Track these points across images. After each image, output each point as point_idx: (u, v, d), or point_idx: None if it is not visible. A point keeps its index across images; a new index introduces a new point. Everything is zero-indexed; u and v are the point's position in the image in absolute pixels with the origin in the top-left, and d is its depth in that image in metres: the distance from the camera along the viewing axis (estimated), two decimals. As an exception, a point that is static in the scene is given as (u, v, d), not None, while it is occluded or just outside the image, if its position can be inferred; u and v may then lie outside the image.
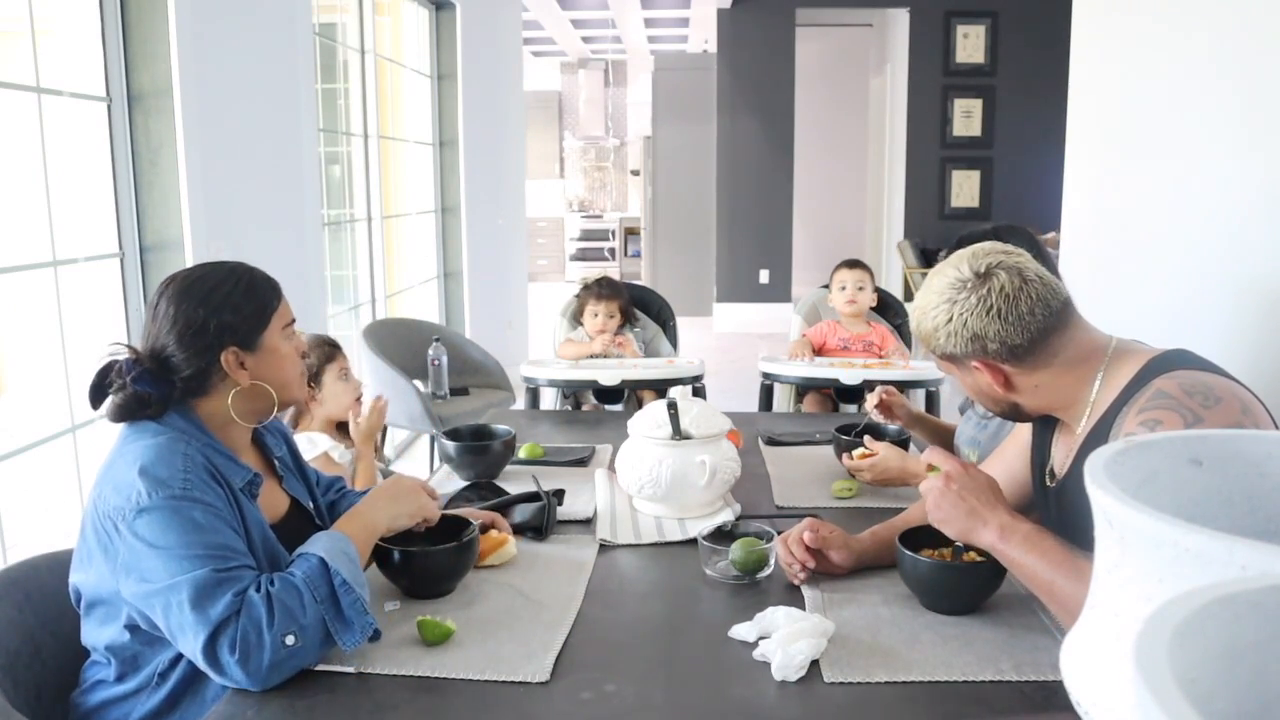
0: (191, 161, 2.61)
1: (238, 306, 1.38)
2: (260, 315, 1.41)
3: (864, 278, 3.42)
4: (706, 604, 1.48)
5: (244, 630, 1.18)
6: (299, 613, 1.21)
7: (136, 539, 1.24)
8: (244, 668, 1.18)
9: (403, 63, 5.11)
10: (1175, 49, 2.37)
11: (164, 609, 1.22)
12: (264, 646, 1.18)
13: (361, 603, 1.26)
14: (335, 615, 1.24)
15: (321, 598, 1.24)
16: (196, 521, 1.25)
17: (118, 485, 1.28)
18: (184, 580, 1.21)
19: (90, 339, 2.60)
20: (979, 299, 1.31)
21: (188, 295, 1.37)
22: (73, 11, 2.52)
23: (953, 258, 1.37)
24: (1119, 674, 0.62)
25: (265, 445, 1.54)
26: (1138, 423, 1.22)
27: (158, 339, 1.37)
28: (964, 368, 1.39)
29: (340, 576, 1.26)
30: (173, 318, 1.36)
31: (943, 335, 1.35)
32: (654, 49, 11.40)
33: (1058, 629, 1.33)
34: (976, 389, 1.42)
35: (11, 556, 2.27)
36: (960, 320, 1.32)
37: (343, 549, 1.31)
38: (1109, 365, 1.34)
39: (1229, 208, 2.13)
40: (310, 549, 1.30)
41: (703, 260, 8.85)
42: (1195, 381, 1.23)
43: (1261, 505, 0.74)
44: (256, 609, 1.20)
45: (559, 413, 3.24)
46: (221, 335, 1.37)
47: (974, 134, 7.95)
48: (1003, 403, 1.41)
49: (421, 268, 5.40)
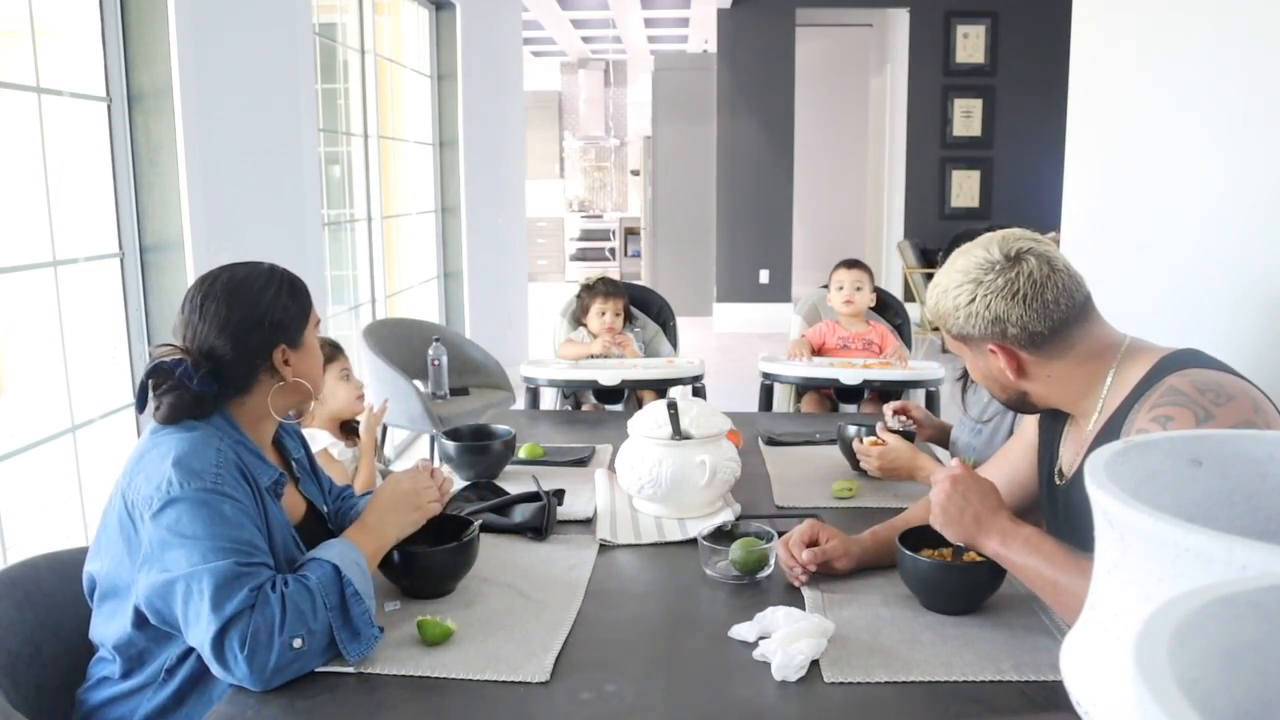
0: (191, 161, 2.61)
1: (286, 305, 1.43)
2: (304, 313, 1.46)
3: (862, 278, 3.42)
4: (706, 604, 1.48)
5: (255, 628, 1.20)
6: (309, 617, 1.23)
7: (163, 528, 1.25)
8: (250, 665, 1.19)
9: (403, 63, 5.11)
10: (1175, 49, 2.37)
11: (183, 596, 1.23)
12: (272, 647, 1.19)
13: (370, 615, 1.28)
14: (344, 624, 1.26)
15: (332, 605, 1.25)
16: (225, 515, 1.27)
17: (150, 475, 1.30)
18: (206, 570, 1.22)
19: (90, 339, 2.60)
20: (1006, 282, 1.31)
21: (239, 294, 1.40)
22: (73, 11, 2.52)
23: (982, 239, 1.37)
24: (1119, 674, 0.62)
25: (284, 447, 1.56)
26: (1149, 419, 1.22)
27: (208, 338, 1.38)
28: (978, 350, 1.38)
29: (352, 586, 1.28)
30: (224, 318, 1.38)
31: (963, 315, 1.34)
32: (654, 49, 11.40)
33: (1058, 629, 1.33)
34: (986, 373, 1.41)
35: (11, 556, 2.27)
36: (984, 301, 1.32)
37: (355, 559, 1.33)
38: (1121, 363, 1.34)
39: (1229, 207, 2.13)
40: (324, 555, 1.32)
41: (703, 260, 8.85)
42: (1207, 379, 1.23)
43: (1261, 505, 0.74)
44: (270, 608, 1.21)
45: (559, 413, 3.24)
46: (275, 333, 1.41)
47: (974, 134, 7.95)
48: (1010, 390, 1.40)
49: (421, 268, 5.40)
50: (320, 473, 1.67)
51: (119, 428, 2.63)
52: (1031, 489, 1.56)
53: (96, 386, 2.59)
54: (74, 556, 1.52)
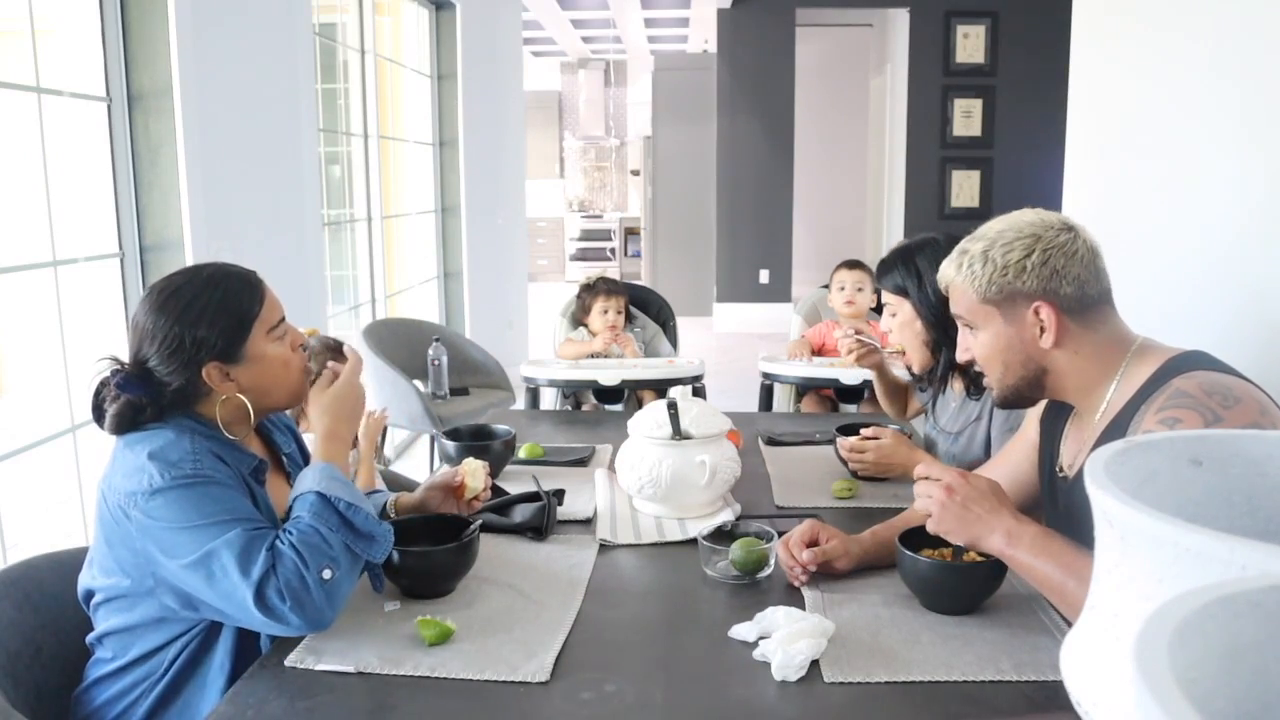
0: (191, 161, 2.61)
1: (213, 321, 1.34)
2: (239, 327, 1.36)
3: (864, 279, 3.42)
4: (706, 604, 1.48)
5: (286, 579, 1.22)
6: (324, 547, 1.25)
7: (153, 520, 1.25)
8: (301, 612, 1.22)
9: (403, 63, 5.11)
10: (1175, 49, 2.37)
11: (208, 577, 1.23)
12: (308, 587, 1.22)
13: (371, 515, 1.31)
14: (354, 536, 1.29)
15: (334, 526, 1.28)
16: (212, 495, 1.28)
17: (127, 472, 1.29)
18: (221, 544, 1.23)
19: (90, 339, 2.60)
20: (1068, 239, 1.34)
21: (163, 311, 1.34)
22: (73, 11, 2.52)
23: (1024, 211, 1.40)
24: (1119, 674, 0.62)
25: (273, 442, 1.55)
26: (1157, 420, 1.22)
27: (140, 351, 1.36)
28: (1011, 315, 1.35)
29: (343, 501, 1.30)
30: (151, 333, 1.34)
31: (1013, 271, 1.33)
32: (654, 49, 11.40)
33: (1058, 629, 1.33)
34: (1009, 345, 1.37)
35: (11, 556, 2.27)
36: (1043, 256, 1.32)
37: (329, 475, 1.34)
38: (1131, 360, 1.35)
39: (1229, 207, 2.13)
40: (302, 490, 1.33)
41: (703, 260, 8.84)
42: (1214, 382, 1.24)
43: (1261, 505, 0.74)
44: (288, 558, 1.23)
45: (559, 413, 3.24)
46: (199, 350, 1.34)
47: (974, 134, 7.95)
48: (1033, 365, 1.37)
49: (421, 268, 5.40)
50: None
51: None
52: (1033, 488, 1.56)
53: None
54: (74, 556, 1.52)
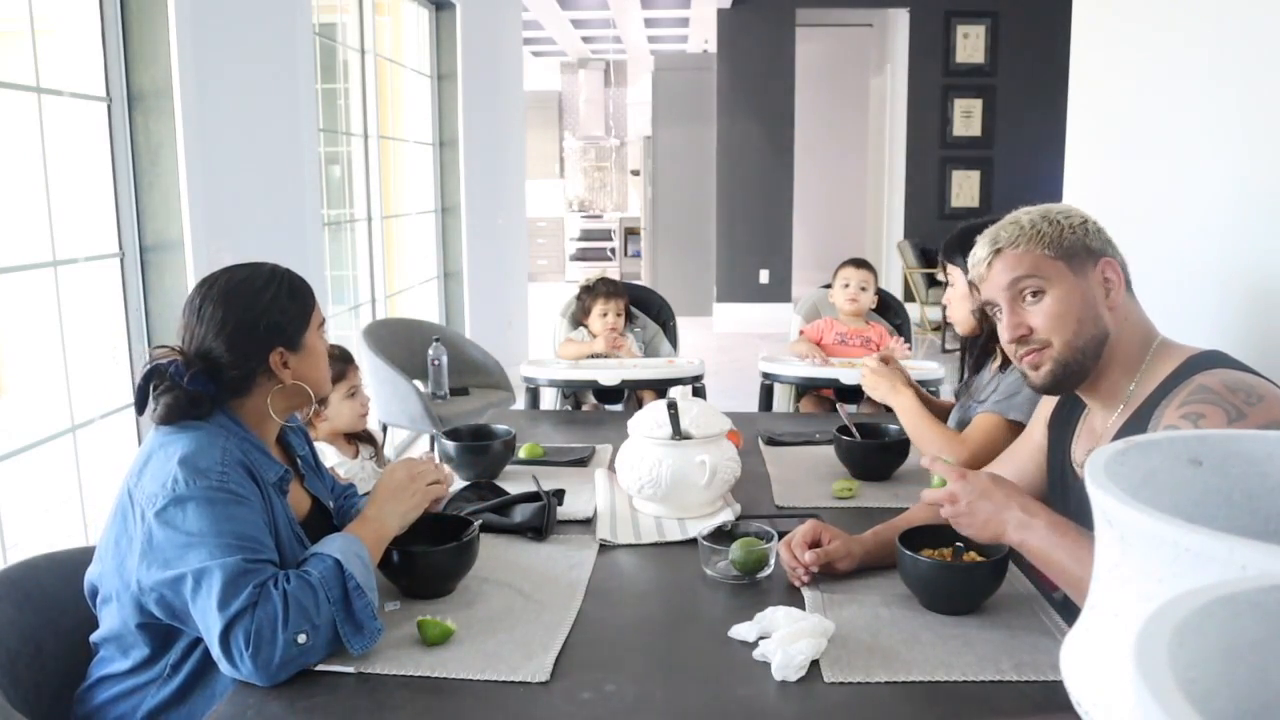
0: (191, 161, 2.61)
1: (284, 308, 1.43)
2: (304, 316, 1.45)
3: (868, 278, 3.43)
4: (706, 604, 1.48)
5: (259, 624, 1.20)
6: (313, 612, 1.23)
7: (167, 525, 1.26)
8: (255, 661, 1.20)
9: (403, 63, 5.11)
10: (1175, 49, 2.38)
11: (192, 592, 1.24)
12: (276, 643, 1.20)
13: (372, 607, 1.29)
14: (347, 618, 1.26)
15: (335, 599, 1.26)
16: (231, 512, 1.28)
17: (155, 474, 1.30)
18: (215, 566, 1.23)
19: (90, 339, 2.60)
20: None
21: (236, 297, 1.40)
22: (73, 11, 2.52)
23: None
24: (1119, 674, 0.62)
25: (289, 444, 1.57)
26: (1179, 415, 1.22)
27: (204, 340, 1.39)
28: (1081, 271, 1.36)
29: (355, 580, 1.28)
30: (221, 320, 1.38)
31: (1080, 230, 1.38)
32: (654, 49, 11.40)
33: (1058, 629, 1.33)
34: (1082, 298, 1.35)
35: (11, 556, 2.27)
36: (1096, 224, 1.40)
37: (356, 552, 1.33)
38: (1155, 354, 1.36)
39: (1229, 208, 2.13)
40: (325, 550, 1.32)
41: (703, 260, 8.84)
42: (1237, 379, 1.24)
43: (1261, 505, 0.74)
44: (273, 605, 1.21)
45: (559, 413, 3.24)
46: (271, 336, 1.41)
47: (974, 134, 7.95)
48: (1101, 324, 1.35)
49: (421, 268, 5.40)
50: (325, 470, 1.68)
51: (119, 428, 2.63)
52: (1037, 490, 1.56)
53: (96, 386, 2.59)
54: (74, 556, 1.52)
